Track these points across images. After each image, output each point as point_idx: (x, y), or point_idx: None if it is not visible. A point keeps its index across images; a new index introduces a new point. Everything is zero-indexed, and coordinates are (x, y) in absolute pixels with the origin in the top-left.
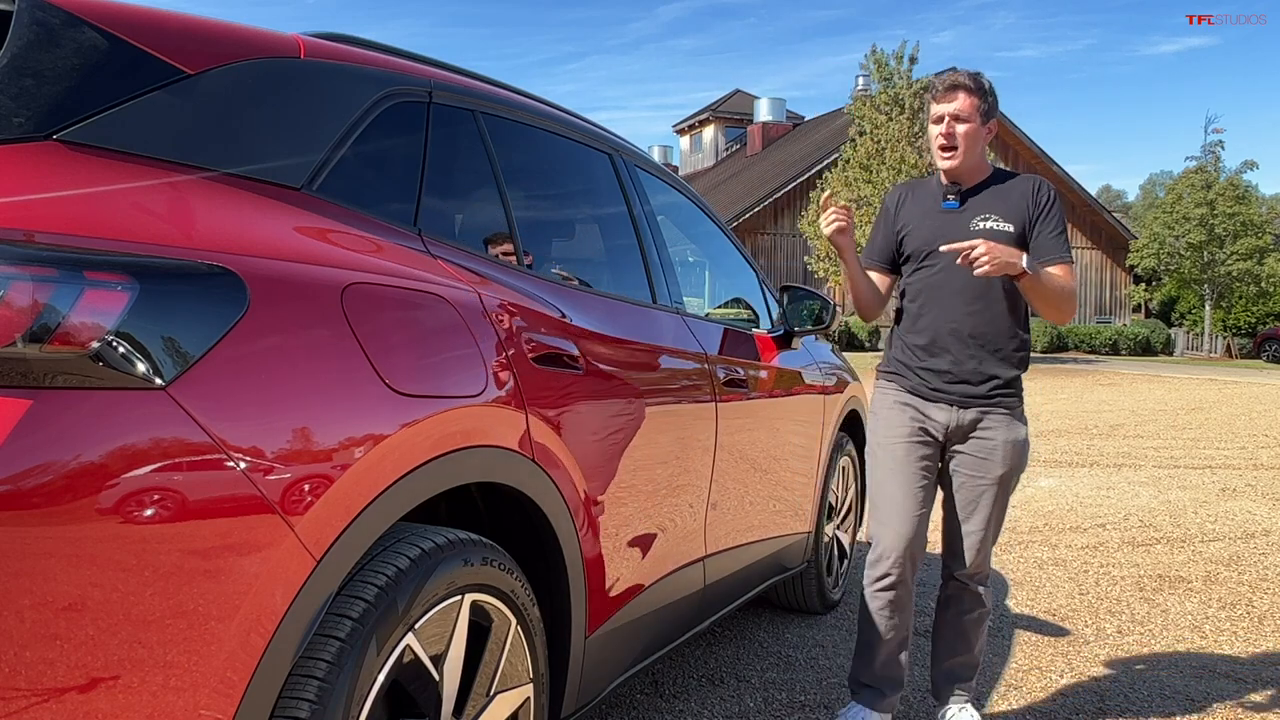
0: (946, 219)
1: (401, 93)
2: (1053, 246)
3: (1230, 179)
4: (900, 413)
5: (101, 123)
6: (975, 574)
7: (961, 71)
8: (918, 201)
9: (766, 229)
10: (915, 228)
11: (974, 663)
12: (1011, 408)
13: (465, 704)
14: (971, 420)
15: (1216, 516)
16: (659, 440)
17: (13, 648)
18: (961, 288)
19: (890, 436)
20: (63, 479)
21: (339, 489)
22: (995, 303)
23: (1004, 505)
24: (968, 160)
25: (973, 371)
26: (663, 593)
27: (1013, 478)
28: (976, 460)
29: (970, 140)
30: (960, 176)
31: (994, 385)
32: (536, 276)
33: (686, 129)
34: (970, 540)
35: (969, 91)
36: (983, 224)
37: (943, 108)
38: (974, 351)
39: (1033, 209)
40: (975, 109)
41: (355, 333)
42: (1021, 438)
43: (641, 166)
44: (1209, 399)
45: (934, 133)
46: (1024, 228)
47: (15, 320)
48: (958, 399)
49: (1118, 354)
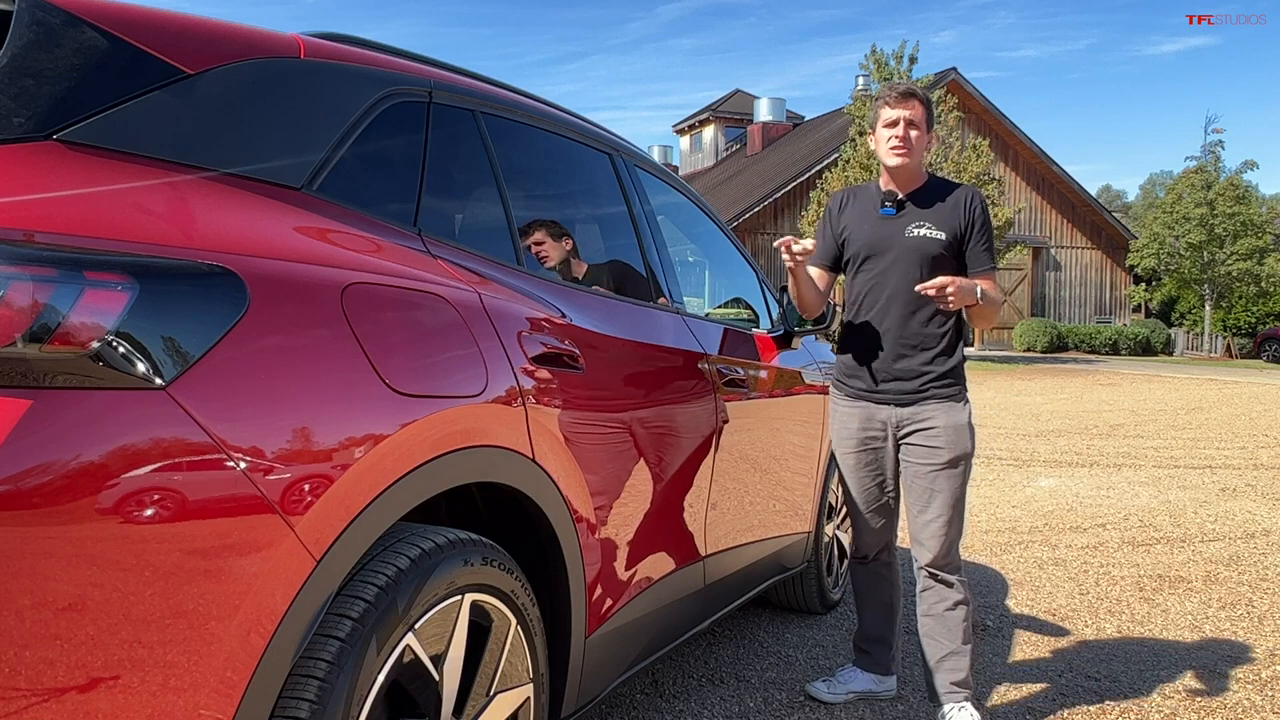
0: (884, 224)
1: (401, 93)
2: (982, 258)
3: (1230, 179)
4: (850, 419)
5: (101, 123)
6: (944, 564)
7: (910, 82)
8: (858, 206)
9: (766, 229)
10: (855, 232)
11: (963, 659)
12: (949, 395)
13: (465, 704)
14: (911, 414)
15: (1216, 516)
16: (659, 440)
17: (13, 648)
18: (896, 290)
19: (843, 444)
20: (63, 479)
21: (339, 489)
22: (925, 304)
23: (960, 492)
24: (913, 162)
25: (905, 369)
26: (663, 593)
27: (962, 462)
28: (924, 449)
29: (918, 145)
30: (902, 181)
31: (926, 379)
32: (536, 276)
33: (686, 129)
34: (931, 529)
35: (920, 101)
36: (917, 230)
37: (898, 112)
38: (905, 350)
39: (965, 220)
40: (924, 117)
41: (355, 333)
42: (964, 421)
43: (641, 166)
44: (1209, 399)
45: (886, 135)
46: (954, 236)
47: (15, 320)
48: (893, 396)
49: (1118, 354)
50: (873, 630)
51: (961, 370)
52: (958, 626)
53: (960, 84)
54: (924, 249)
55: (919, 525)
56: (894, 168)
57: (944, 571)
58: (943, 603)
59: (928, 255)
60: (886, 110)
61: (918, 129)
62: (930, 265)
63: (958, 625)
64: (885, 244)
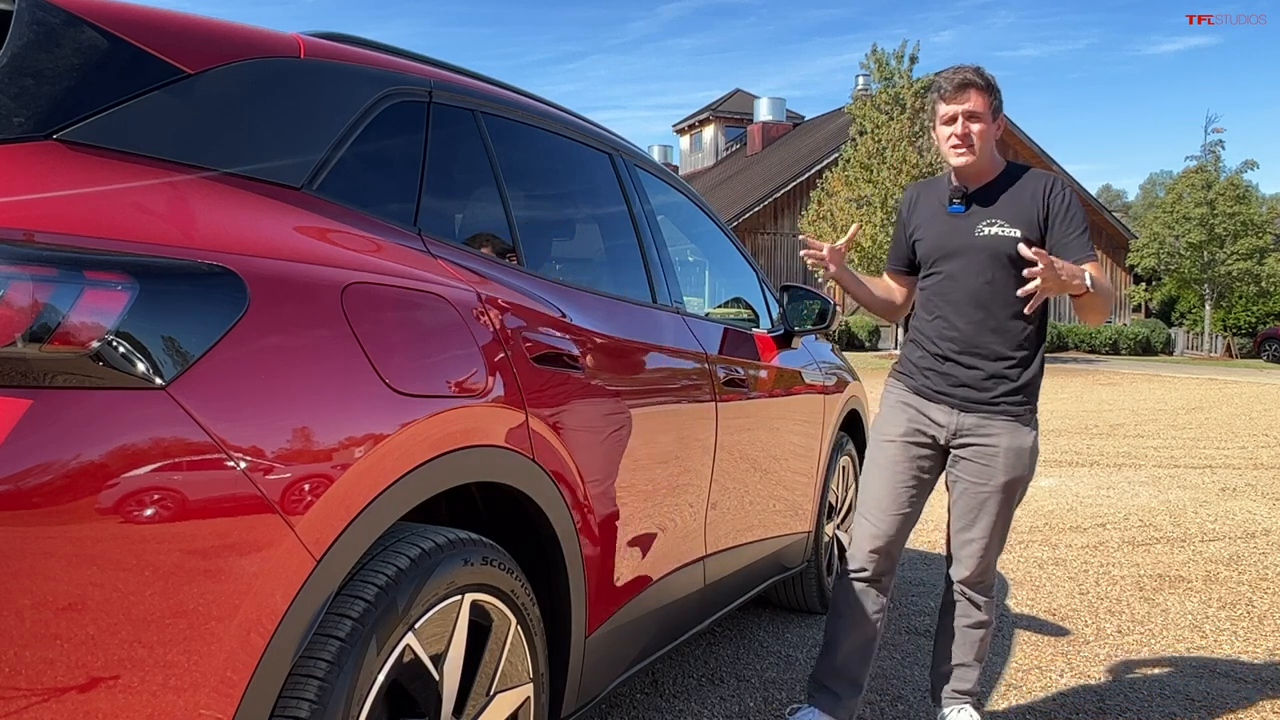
0: (952, 223)
1: (401, 92)
2: (1077, 248)
3: (1230, 179)
4: (900, 411)
5: (101, 122)
6: (976, 583)
7: (967, 68)
8: (927, 204)
9: (766, 229)
10: (924, 232)
11: (974, 671)
12: (1018, 414)
13: (465, 704)
14: (973, 424)
15: (1216, 516)
16: (659, 440)
17: (13, 648)
18: (967, 295)
19: (886, 434)
20: (63, 479)
21: (339, 489)
22: (1000, 309)
23: (1008, 515)
24: (981, 158)
25: (976, 376)
26: (663, 592)
27: (1018, 487)
28: (978, 466)
29: (984, 138)
30: (971, 176)
31: (999, 391)
32: (536, 276)
33: (686, 129)
34: (971, 548)
35: (979, 89)
36: (988, 229)
37: (954, 107)
38: (977, 358)
39: (1044, 211)
40: (988, 106)
41: (355, 332)
42: (1028, 445)
43: (641, 166)
44: (1209, 399)
45: (945, 133)
46: (1033, 231)
47: (15, 320)
48: (959, 402)
49: (1118, 354)
50: (847, 667)
51: (1038, 386)
52: (975, 643)
53: None
54: (997, 248)
55: (959, 541)
56: (957, 169)
57: (976, 591)
58: (967, 619)
59: (1001, 255)
60: (942, 106)
61: (980, 121)
62: (1007, 265)
63: (976, 642)
64: (955, 245)
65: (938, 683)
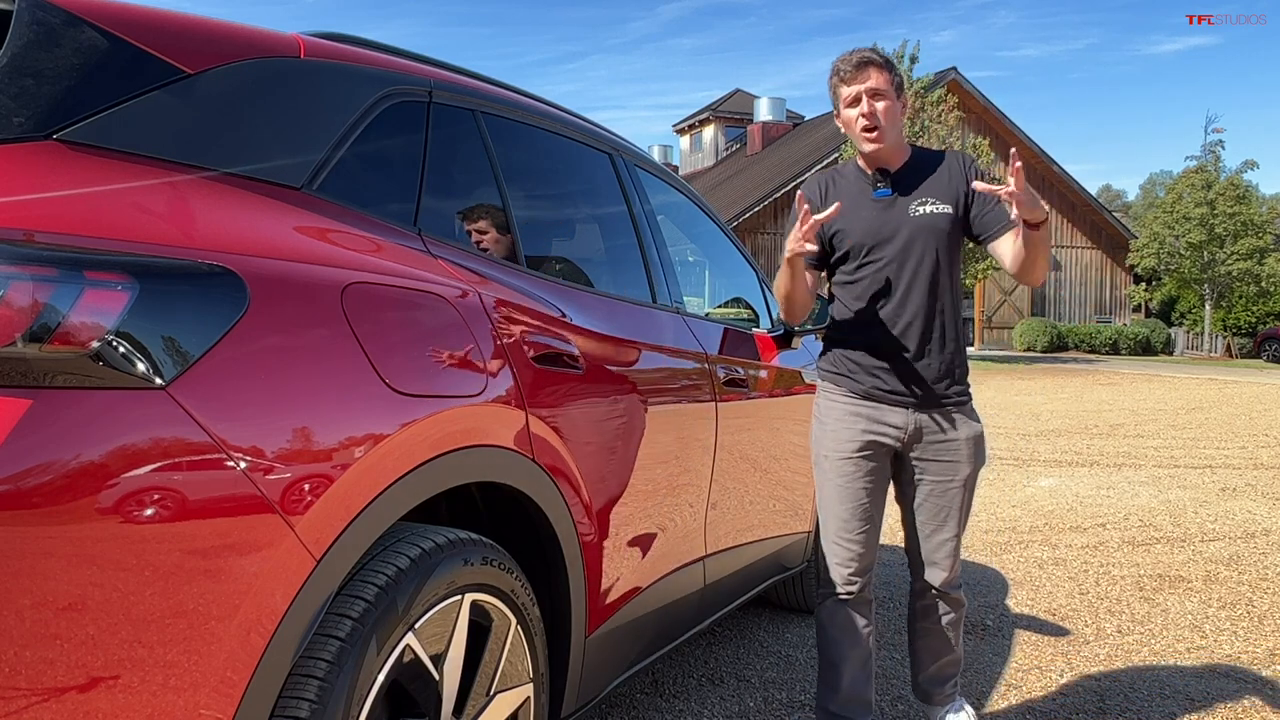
0: (882, 208)
1: (401, 92)
2: (999, 215)
3: (1230, 179)
4: (852, 423)
5: (101, 122)
6: (955, 582)
7: (863, 49)
8: (843, 194)
9: (766, 229)
10: (848, 222)
11: (958, 659)
12: (964, 404)
13: (465, 704)
14: (929, 422)
15: (1216, 516)
16: (659, 440)
17: (13, 648)
18: (914, 280)
19: (840, 450)
20: (63, 479)
21: (339, 489)
22: (944, 292)
23: (970, 506)
24: (890, 139)
25: (932, 368)
26: (663, 592)
27: (977, 475)
28: (943, 464)
29: (890, 117)
30: (884, 160)
31: (951, 381)
32: (537, 276)
33: (686, 129)
34: (945, 549)
35: (878, 66)
36: (921, 208)
37: (856, 87)
38: (932, 346)
39: (966, 187)
40: (889, 83)
41: (355, 332)
42: (980, 432)
43: (641, 166)
44: (1209, 399)
45: (851, 116)
46: (958, 207)
47: (15, 320)
48: (915, 401)
49: (1118, 354)
50: (854, 689)
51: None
52: (956, 631)
53: (960, 84)
54: (933, 225)
55: (932, 546)
56: (868, 155)
57: (953, 589)
58: (949, 614)
59: (941, 232)
60: (844, 89)
61: (884, 99)
62: (945, 243)
63: (957, 629)
64: (890, 229)
65: (928, 684)
